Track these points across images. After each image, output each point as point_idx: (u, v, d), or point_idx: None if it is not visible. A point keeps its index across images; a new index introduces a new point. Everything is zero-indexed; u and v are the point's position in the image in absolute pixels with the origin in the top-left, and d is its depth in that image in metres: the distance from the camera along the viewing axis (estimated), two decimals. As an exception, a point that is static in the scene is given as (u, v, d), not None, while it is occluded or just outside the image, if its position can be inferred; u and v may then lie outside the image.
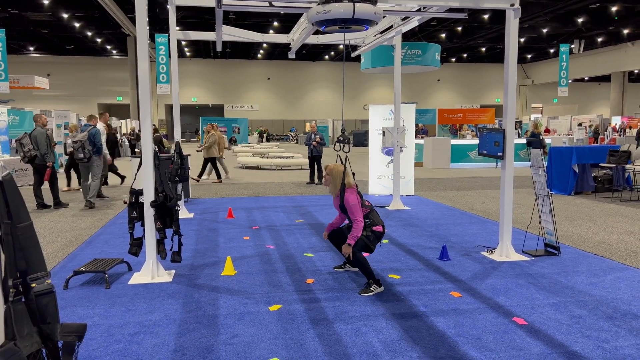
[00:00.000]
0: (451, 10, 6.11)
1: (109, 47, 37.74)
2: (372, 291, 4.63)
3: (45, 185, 9.59)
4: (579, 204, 9.78)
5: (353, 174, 5.01)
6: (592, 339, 3.62)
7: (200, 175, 14.08)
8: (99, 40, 34.41)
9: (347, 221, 5.00)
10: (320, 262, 5.70)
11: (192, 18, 26.85)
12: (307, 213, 8.93)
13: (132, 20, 28.79)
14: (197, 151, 14.35)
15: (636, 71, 40.35)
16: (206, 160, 14.05)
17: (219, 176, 14.10)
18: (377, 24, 5.25)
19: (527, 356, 3.37)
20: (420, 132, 23.89)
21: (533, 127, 15.61)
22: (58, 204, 9.67)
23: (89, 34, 31.81)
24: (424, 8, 6.24)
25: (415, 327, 3.87)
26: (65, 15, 26.58)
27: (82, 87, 43.09)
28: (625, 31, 31.15)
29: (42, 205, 9.51)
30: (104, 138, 10.70)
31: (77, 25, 28.74)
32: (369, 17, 4.97)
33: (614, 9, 25.80)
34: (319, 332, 3.78)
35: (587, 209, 9.22)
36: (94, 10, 25.60)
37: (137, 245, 5.09)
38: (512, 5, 5.57)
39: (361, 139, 35.30)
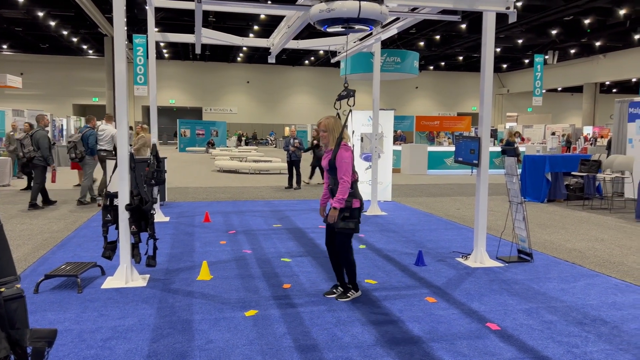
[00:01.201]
0: (444, 12, 5.99)
1: (85, 46, 37.13)
2: (349, 297, 4.59)
3: (52, 185, 9.52)
4: (552, 212, 9.98)
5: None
6: (563, 344, 3.70)
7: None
8: (75, 39, 33.81)
9: (331, 185, 4.48)
10: (297, 267, 5.69)
11: (171, 19, 26.60)
12: (285, 218, 8.91)
13: (110, 20, 28.40)
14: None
15: (607, 83, 41.47)
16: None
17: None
18: (381, 24, 4.93)
19: (500, 361, 3.42)
20: (399, 138, 24.10)
21: (508, 136, 15.89)
22: (46, 201, 9.89)
23: (65, 33, 31.24)
24: (416, 9, 6.03)
25: (391, 332, 3.89)
26: (40, 14, 26.07)
27: (57, 86, 42.27)
28: (598, 44, 32.00)
29: (33, 206, 9.49)
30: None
31: (52, 23, 28.20)
32: (374, 17, 4.72)
33: (586, 21, 26.50)
34: (295, 337, 3.77)
35: (559, 217, 9.41)
36: (71, 9, 25.17)
37: (111, 249, 5.01)
38: (508, 8, 5.44)
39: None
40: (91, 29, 29.93)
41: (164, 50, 39.85)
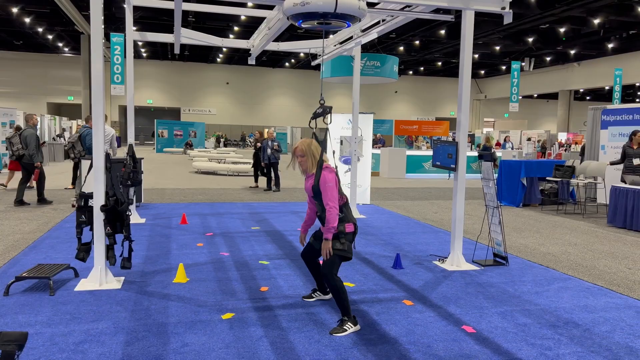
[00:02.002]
0: (437, 11, 5.86)
1: (60, 44, 36.43)
2: (346, 330, 3.90)
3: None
4: (527, 216, 10.15)
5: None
6: (536, 347, 3.75)
7: (73, 183, 12.46)
8: (50, 37, 33.16)
9: (319, 212, 4.13)
10: (275, 270, 5.67)
11: (150, 19, 26.30)
12: (264, 220, 8.88)
13: (87, 18, 27.93)
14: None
15: (581, 90, 42.42)
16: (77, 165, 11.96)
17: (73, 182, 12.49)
18: (360, 20, 4.77)
19: (475, 364, 3.46)
20: (378, 142, 24.25)
21: (485, 141, 16.14)
22: (42, 200, 9.93)
23: (40, 30, 30.62)
24: (409, 7, 5.92)
25: (368, 335, 3.90)
26: (15, 10, 25.50)
27: (31, 84, 41.37)
28: (572, 52, 32.74)
29: (20, 202, 9.65)
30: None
31: (27, 20, 27.62)
32: (352, 13, 4.47)
33: (562, 30, 27.10)
34: (272, 340, 3.75)
35: (533, 221, 9.58)
36: (46, 5, 24.70)
37: (85, 251, 4.92)
38: (503, 8, 5.39)
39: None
40: (67, 26, 29.39)
41: (142, 50, 39.36)
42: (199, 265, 5.80)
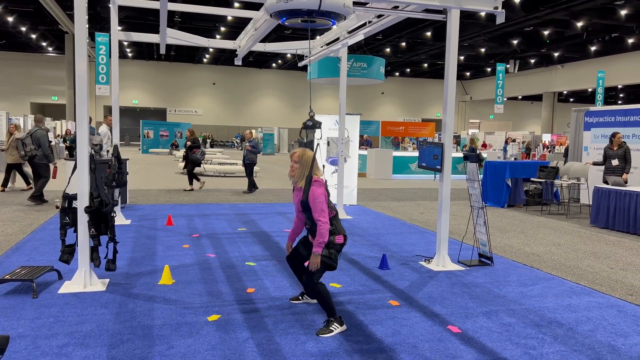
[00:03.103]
0: (429, 10, 5.82)
1: (44, 43, 35.97)
2: (332, 331, 3.90)
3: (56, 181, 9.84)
4: (511, 217, 10.26)
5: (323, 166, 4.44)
6: (520, 346, 3.80)
7: (4, 185, 12.03)
8: (33, 36, 32.73)
9: (308, 225, 4.12)
10: (262, 271, 5.65)
11: (135, 18, 26.09)
12: (250, 221, 8.85)
13: (71, 17, 27.62)
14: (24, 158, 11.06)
15: (565, 92, 42.99)
16: (10, 167, 11.86)
17: (28, 182, 12.14)
18: (345, 18, 4.68)
19: (460, 363, 3.48)
20: (365, 143, 24.31)
21: (470, 142, 16.27)
22: (38, 197, 10.03)
23: (23, 29, 30.20)
24: (398, 7, 5.85)
25: (354, 335, 3.91)
26: (-3, 8, 25.14)
27: (14, 84, 40.79)
28: (556, 54, 33.16)
29: (36, 198, 9.95)
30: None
31: (10, 19, 27.22)
32: (337, 10, 4.39)
33: (545, 32, 27.44)
34: (258, 342, 3.74)
35: (518, 221, 9.68)
36: (29, 4, 24.36)
37: (68, 253, 4.86)
38: (496, 8, 5.37)
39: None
40: (51, 25, 29.05)
41: (127, 49, 39.03)
42: (185, 266, 5.77)
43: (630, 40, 28.18)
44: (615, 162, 9.94)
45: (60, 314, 4.18)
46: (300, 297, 4.66)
